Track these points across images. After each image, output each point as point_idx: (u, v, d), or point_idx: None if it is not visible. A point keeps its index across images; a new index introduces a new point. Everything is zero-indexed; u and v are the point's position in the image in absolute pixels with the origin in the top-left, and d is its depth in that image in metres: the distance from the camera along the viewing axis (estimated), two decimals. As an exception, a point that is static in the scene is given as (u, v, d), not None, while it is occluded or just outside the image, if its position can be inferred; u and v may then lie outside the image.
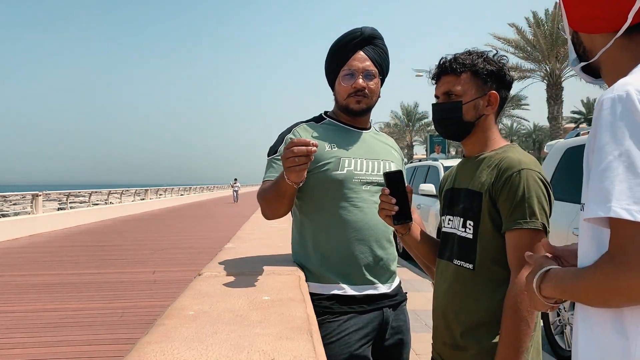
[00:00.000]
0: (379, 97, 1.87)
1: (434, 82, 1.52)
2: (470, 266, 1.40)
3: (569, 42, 1.04)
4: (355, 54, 1.79)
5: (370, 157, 1.82)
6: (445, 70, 1.46)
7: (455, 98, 1.44)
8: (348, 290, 1.70)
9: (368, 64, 1.79)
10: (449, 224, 1.51)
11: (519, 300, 1.27)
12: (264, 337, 1.06)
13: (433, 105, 1.52)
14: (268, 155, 1.83)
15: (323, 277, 1.72)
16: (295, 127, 1.84)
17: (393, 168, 1.83)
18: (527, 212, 1.30)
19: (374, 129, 1.96)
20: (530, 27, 23.19)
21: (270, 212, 1.80)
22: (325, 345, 1.24)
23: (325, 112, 1.92)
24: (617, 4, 0.91)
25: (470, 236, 1.40)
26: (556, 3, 23.17)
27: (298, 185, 1.60)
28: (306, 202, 1.79)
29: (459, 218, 1.46)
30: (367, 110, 1.84)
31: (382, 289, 1.76)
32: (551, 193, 1.37)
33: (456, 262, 1.44)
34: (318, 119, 1.89)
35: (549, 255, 1.03)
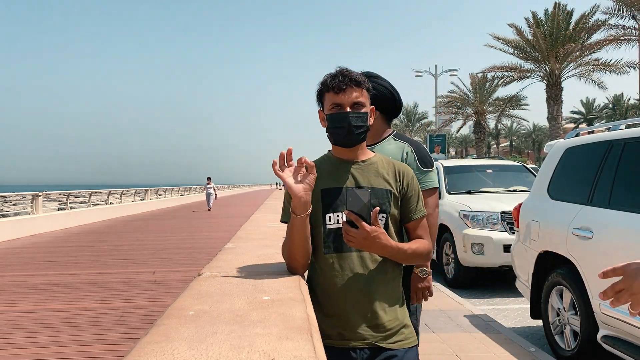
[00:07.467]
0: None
1: (332, 91, 1.60)
2: None
3: None
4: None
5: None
6: (353, 82, 1.60)
7: (361, 108, 1.62)
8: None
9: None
10: (337, 221, 1.61)
11: (425, 253, 1.69)
12: (264, 337, 1.06)
13: (348, 113, 1.59)
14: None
15: None
16: None
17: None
18: (422, 203, 1.74)
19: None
20: (529, 27, 23.19)
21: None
22: None
23: None
24: None
25: (382, 227, 1.56)
26: (555, 3, 23.18)
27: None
28: None
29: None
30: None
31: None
32: None
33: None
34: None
35: None
